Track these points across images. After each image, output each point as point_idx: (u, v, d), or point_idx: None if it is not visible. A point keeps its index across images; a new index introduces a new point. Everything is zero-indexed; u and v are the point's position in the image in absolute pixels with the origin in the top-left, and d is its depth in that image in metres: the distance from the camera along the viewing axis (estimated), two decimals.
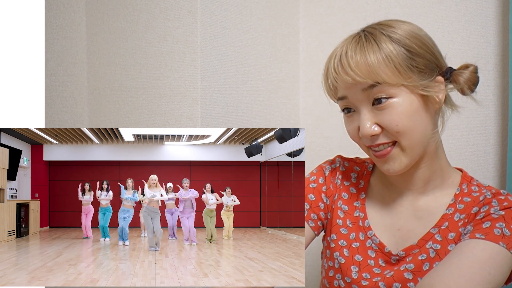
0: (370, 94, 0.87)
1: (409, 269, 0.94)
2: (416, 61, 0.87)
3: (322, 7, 1.88)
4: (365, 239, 1.01)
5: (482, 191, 0.95)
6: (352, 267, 0.99)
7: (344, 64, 0.88)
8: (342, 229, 1.04)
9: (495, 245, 0.81)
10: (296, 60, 1.95)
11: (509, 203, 0.89)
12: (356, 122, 0.91)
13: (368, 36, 0.88)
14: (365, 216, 1.02)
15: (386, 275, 0.96)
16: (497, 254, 0.81)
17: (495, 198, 0.91)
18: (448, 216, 0.94)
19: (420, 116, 0.88)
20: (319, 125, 1.91)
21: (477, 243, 0.82)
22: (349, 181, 1.08)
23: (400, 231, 0.98)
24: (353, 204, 1.05)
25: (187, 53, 1.64)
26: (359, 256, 1.00)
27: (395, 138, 0.88)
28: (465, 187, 0.97)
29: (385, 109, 0.87)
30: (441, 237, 0.93)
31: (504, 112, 1.54)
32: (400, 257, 0.96)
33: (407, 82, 0.86)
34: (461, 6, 1.60)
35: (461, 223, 0.93)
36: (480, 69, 1.57)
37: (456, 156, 1.61)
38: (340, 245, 1.03)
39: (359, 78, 0.86)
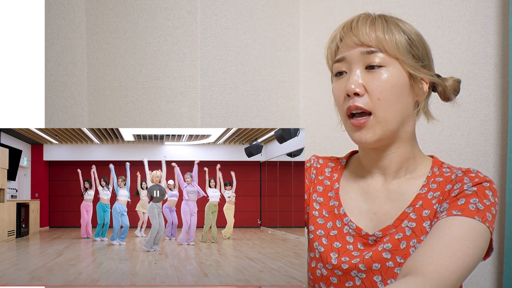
0: (366, 58, 0.94)
1: (387, 249, 0.96)
2: (413, 49, 0.95)
3: (322, 7, 1.88)
4: (342, 226, 1.04)
5: (453, 171, 0.99)
6: (332, 254, 1.02)
7: (354, 27, 0.96)
8: (318, 219, 1.08)
9: (471, 220, 0.86)
10: (296, 60, 1.95)
11: (480, 179, 0.93)
12: (345, 83, 0.96)
13: (381, 17, 0.98)
14: (339, 204, 1.06)
15: (365, 256, 0.98)
16: (473, 228, 0.85)
17: (466, 175, 0.95)
18: (422, 195, 0.98)
19: (402, 94, 0.95)
20: (319, 125, 1.91)
21: (454, 220, 0.87)
22: (323, 175, 1.13)
23: (376, 215, 1.01)
24: (328, 195, 1.09)
25: (187, 53, 1.64)
26: (337, 243, 1.03)
27: (373, 108, 0.93)
28: (437, 170, 1.01)
29: (375, 74, 0.93)
30: (416, 215, 0.96)
31: (504, 112, 1.54)
32: (377, 237, 0.99)
33: (401, 57, 0.93)
34: (461, 6, 1.60)
35: (435, 201, 0.96)
36: (480, 69, 1.58)
37: (456, 156, 1.61)
38: (318, 235, 1.06)
39: (364, 40, 0.94)
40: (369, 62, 0.94)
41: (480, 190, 0.91)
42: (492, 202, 0.90)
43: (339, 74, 0.99)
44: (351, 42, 0.96)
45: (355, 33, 0.95)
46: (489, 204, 0.89)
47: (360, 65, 0.95)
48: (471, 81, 1.59)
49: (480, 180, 0.93)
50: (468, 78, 1.58)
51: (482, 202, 0.89)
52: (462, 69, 1.60)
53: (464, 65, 1.59)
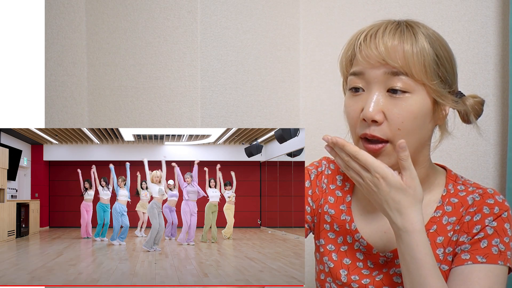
0: (389, 80, 0.84)
1: (398, 273, 0.95)
2: (441, 69, 0.86)
3: (322, 7, 1.88)
4: (352, 242, 1.01)
5: (469, 190, 0.95)
6: (341, 270, 1.00)
7: (378, 40, 0.84)
8: (329, 233, 1.05)
9: (495, 266, 0.88)
10: (296, 60, 1.95)
11: (499, 207, 0.91)
12: (361, 103, 0.87)
13: (408, 27, 0.86)
14: (351, 219, 1.02)
15: (375, 277, 0.97)
16: (497, 276, 0.88)
17: (485, 204, 0.92)
18: (436, 219, 0.95)
19: (425, 122, 0.87)
20: (319, 125, 1.91)
21: (480, 271, 0.88)
22: (334, 184, 1.07)
23: (386, 234, 0.98)
24: (339, 208, 1.05)
25: (187, 53, 1.64)
26: (347, 259, 1.01)
27: (392, 137, 0.86)
28: (451, 187, 0.97)
29: (398, 101, 0.84)
30: (429, 241, 0.93)
31: (504, 112, 1.54)
32: (388, 258, 0.97)
33: (429, 83, 0.84)
34: (461, 6, 1.60)
35: (451, 227, 0.93)
36: (480, 69, 1.58)
37: (456, 156, 1.61)
38: (328, 249, 1.04)
39: (390, 60, 0.83)
40: (392, 85, 0.84)
41: (500, 226, 0.90)
42: (510, 237, 0.91)
43: (355, 90, 0.89)
44: (373, 57, 0.84)
45: (379, 48, 0.84)
46: (508, 240, 0.90)
47: (381, 87, 0.85)
48: (471, 81, 1.58)
49: (500, 211, 0.91)
50: (468, 78, 1.58)
51: (503, 242, 0.89)
52: (462, 69, 1.60)
53: (464, 65, 1.59)
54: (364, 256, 0.99)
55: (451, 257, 0.93)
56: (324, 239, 1.05)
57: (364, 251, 1.00)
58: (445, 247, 0.93)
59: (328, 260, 1.03)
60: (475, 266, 0.88)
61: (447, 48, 0.89)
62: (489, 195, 0.93)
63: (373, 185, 0.83)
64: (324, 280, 1.05)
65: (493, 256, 0.88)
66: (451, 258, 0.93)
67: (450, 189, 0.97)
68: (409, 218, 0.82)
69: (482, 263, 0.88)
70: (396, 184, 0.81)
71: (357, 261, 1.00)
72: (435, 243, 0.93)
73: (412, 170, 0.82)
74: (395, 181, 0.81)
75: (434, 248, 0.93)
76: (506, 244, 0.90)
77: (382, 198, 0.83)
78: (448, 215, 0.94)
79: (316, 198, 1.08)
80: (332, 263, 1.02)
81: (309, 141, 1.94)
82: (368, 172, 0.83)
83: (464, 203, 0.94)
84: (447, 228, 0.93)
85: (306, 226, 1.10)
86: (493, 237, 0.89)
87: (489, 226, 0.90)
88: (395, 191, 0.82)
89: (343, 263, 1.01)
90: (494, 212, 0.91)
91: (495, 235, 0.90)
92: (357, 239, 1.00)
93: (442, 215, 0.95)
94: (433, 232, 0.94)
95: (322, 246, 1.05)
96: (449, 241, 0.93)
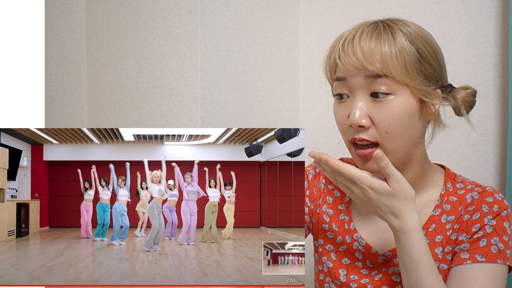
0: (372, 84, 0.84)
1: (397, 272, 0.95)
2: (425, 66, 0.85)
3: (322, 7, 1.88)
4: (351, 242, 1.01)
5: (468, 188, 0.95)
6: (340, 270, 1.00)
7: (355, 46, 0.83)
8: (328, 233, 1.05)
9: (494, 265, 0.88)
10: (296, 60, 1.95)
11: (498, 205, 0.91)
12: (347, 109, 0.87)
13: (386, 27, 0.85)
14: (350, 219, 1.02)
15: (374, 277, 0.97)
16: (497, 275, 0.88)
17: (484, 202, 0.92)
18: (435, 218, 0.94)
19: (412, 122, 0.86)
20: (319, 125, 1.91)
21: (479, 270, 0.88)
22: (333, 184, 1.07)
23: (385, 234, 0.98)
24: (338, 208, 1.05)
25: (187, 53, 1.64)
26: (346, 259, 1.01)
27: (381, 140, 0.85)
28: (450, 186, 0.97)
29: (382, 104, 0.84)
30: (428, 240, 0.93)
31: (504, 112, 1.54)
32: (387, 258, 0.97)
33: (412, 83, 0.83)
34: (461, 6, 1.60)
35: (449, 226, 0.93)
36: (480, 69, 1.57)
37: (456, 156, 1.61)
38: (327, 249, 1.04)
39: (368, 64, 0.82)
40: (374, 89, 0.83)
41: (499, 224, 0.90)
42: (510, 235, 0.91)
43: (340, 96, 0.89)
44: (352, 64, 0.84)
45: (357, 54, 0.83)
46: (508, 239, 0.90)
47: (363, 91, 0.85)
48: (471, 81, 1.58)
49: (499, 210, 0.91)
50: (468, 78, 1.58)
51: (502, 241, 0.89)
52: (462, 69, 1.60)
53: (464, 65, 1.59)
54: (363, 256, 0.99)
55: (450, 256, 0.92)
56: (323, 239, 1.05)
57: (363, 251, 0.99)
58: (444, 246, 0.93)
59: (327, 260, 1.03)
60: (475, 265, 0.88)
61: (430, 43, 0.87)
62: (488, 194, 0.93)
63: (362, 196, 0.83)
64: (323, 281, 1.05)
65: (493, 255, 0.88)
66: (450, 257, 0.92)
67: (449, 187, 0.97)
68: (405, 219, 0.83)
69: (481, 262, 0.88)
70: (384, 191, 0.82)
71: (356, 260, 1.00)
72: (434, 242, 0.93)
73: (397, 174, 0.82)
74: (383, 189, 0.82)
75: (433, 247, 0.93)
76: (506, 242, 0.89)
77: (374, 205, 0.84)
78: (447, 214, 0.94)
79: (314, 198, 1.08)
80: (331, 263, 1.02)
81: (309, 141, 1.94)
82: (355, 184, 0.83)
83: (463, 201, 0.94)
84: (446, 227, 0.93)
85: (305, 227, 1.10)
86: (492, 236, 0.89)
87: (488, 224, 0.90)
88: (386, 197, 0.82)
89: (342, 263, 1.01)
90: (493, 211, 0.91)
91: (494, 233, 0.89)
92: (356, 239, 1.00)
93: (441, 214, 0.95)
94: (432, 231, 0.94)
95: (321, 246, 1.06)
96: (448, 240, 0.93)
